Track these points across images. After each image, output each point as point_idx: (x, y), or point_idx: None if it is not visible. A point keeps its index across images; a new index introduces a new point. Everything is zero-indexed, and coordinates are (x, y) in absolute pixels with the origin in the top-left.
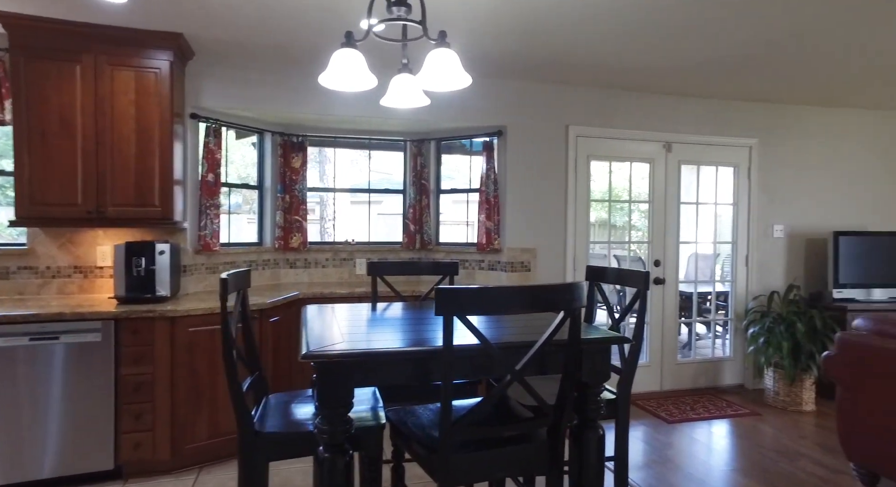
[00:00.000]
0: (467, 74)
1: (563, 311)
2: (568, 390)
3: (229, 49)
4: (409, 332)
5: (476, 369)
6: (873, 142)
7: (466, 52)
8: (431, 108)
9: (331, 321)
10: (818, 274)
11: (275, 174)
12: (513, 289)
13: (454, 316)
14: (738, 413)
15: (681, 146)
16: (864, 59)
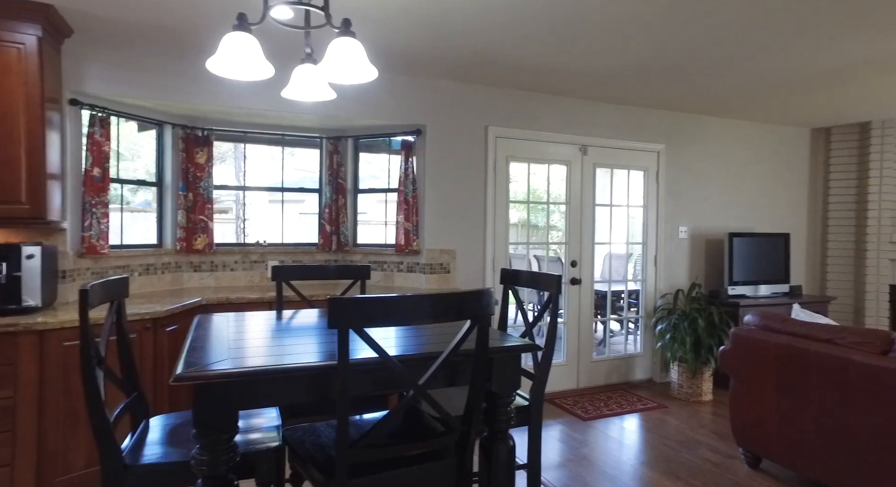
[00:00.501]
0: (373, 67)
1: (470, 320)
2: (476, 402)
3: (113, 28)
4: (312, 344)
5: (378, 384)
6: (761, 152)
7: (382, 47)
8: (348, 105)
9: (221, 333)
10: (716, 273)
11: (176, 170)
12: (415, 298)
13: (350, 328)
14: (647, 407)
15: (596, 149)
16: (754, 75)
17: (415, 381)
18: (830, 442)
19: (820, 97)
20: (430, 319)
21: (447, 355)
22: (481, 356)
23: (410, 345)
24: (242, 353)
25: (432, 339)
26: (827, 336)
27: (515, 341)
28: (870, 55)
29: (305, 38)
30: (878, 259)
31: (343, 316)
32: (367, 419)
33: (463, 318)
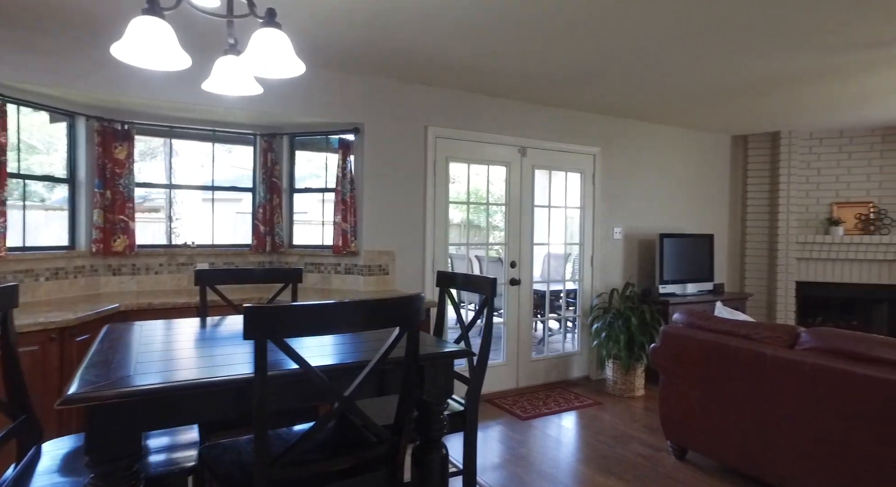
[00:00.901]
0: (300, 61)
1: (399, 327)
2: (406, 411)
3: (8, 3)
4: (234, 354)
5: (302, 396)
6: (689, 157)
7: (316, 41)
8: (281, 101)
9: (131, 344)
10: (648, 272)
11: (91, 166)
12: (339, 306)
13: (268, 339)
14: (584, 405)
15: (535, 151)
16: (681, 84)
17: (339, 393)
18: (747, 431)
19: (737, 107)
20: (357, 327)
21: (375, 364)
22: (411, 363)
23: (342, 353)
24: (151, 367)
25: (365, 346)
26: (744, 332)
27: (448, 347)
28: (778, 72)
29: (228, 27)
30: (787, 258)
31: (260, 325)
32: (297, 430)
33: (392, 325)
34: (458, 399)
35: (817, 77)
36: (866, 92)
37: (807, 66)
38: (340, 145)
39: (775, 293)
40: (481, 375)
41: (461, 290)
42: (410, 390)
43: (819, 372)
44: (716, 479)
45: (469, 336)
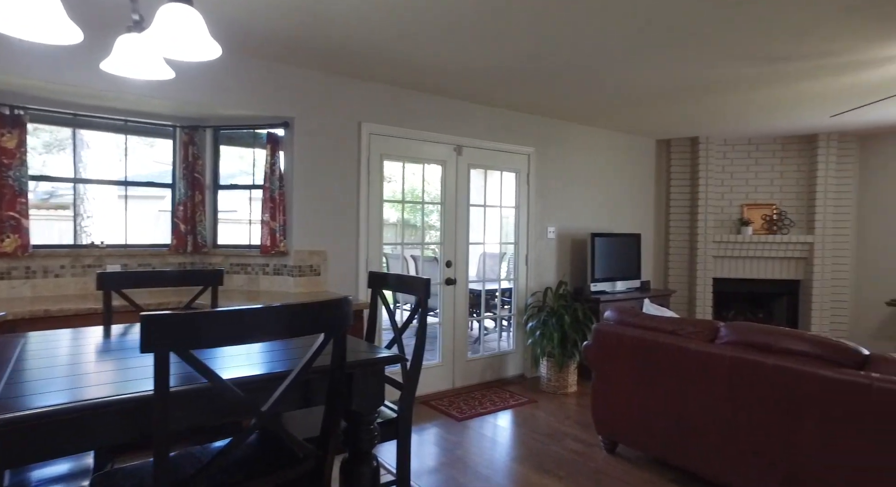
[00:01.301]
0: (215, 43)
1: (324, 333)
2: (332, 423)
3: None
4: (132, 369)
5: (215, 412)
6: (618, 159)
7: (245, 29)
8: (204, 90)
9: (5, 360)
10: (581, 271)
11: None
12: (256, 312)
13: (170, 352)
14: (519, 403)
15: (470, 150)
16: (609, 88)
17: (257, 408)
18: (672, 423)
19: (660, 112)
20: (277, 335)
21: (298, 374)
22: (338, 372)
23: (267, 362)
24: (24, 389)
25: (294, 353)
26: (670, 328)
27: (379, 352)
28: (694, 80)
29: (132, 2)
30: (705, 256)
31: (161, 336)
32: (215, 447)
33: (316, 331)
34: (390, 405)
35: (730, 87)
36: (770, 103)
37: (719, 76)
38: (269, 140)
39: (695, 289)
40: (415, 380)
41: (395, 291)
42: (337, 401)
43: (735, 363)
44: (644, 470)
45: (403, 339)
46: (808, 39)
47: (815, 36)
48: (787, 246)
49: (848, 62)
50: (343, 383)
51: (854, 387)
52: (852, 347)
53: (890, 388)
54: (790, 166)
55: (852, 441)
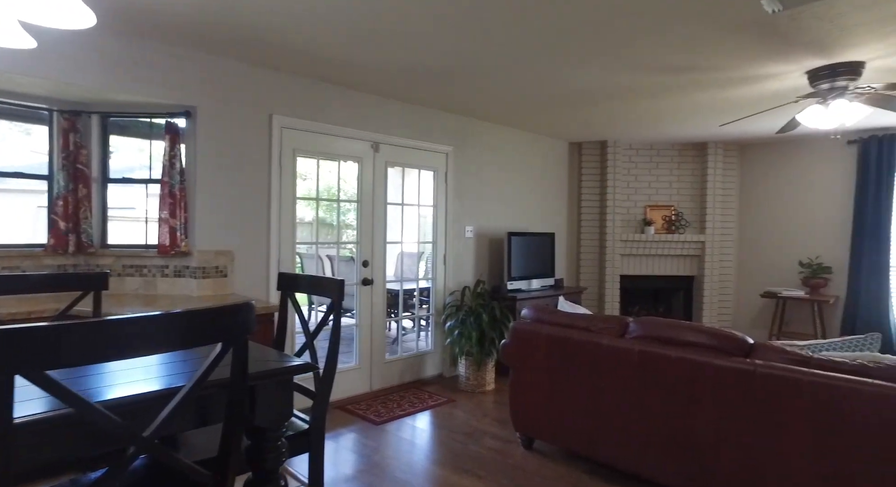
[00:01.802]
0: (88, 10)
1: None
2: (231, 443)
3: None
4: None
5: (89, 442)
6: (533, 159)
7: (141, 6)
8: (86, 70)
9: None
10: (498, 269)
11: None
12: (128, 322)
13: (17, 374)
14: (438, 403)
15: (388, 147)
16: (523, 90)
17: (135, 434)
18: (586, 416)
19: (571, 116)
20: (162, 347)
21: (189, 391)
22: (238, 385)
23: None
24: None
25: (192, 366)
26: (584, 324)
27: (287, 361)
28: (600, 86)
29: None
30: (613, 254)
31: (4, 355)
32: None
33: (211, 341)
34: (301, 415)
35: (633, 94)
36: (668, 112)
37: (623, 83)
38: (168, 130)
39: (604, 286)
40: (328, 387)
41: (307, 293)
42: (237, 417)
43: (643, 356)
44: (559, 464)
45: (317, 343)
46: (700, 53)
47: (707, 50)
48: (683, 245)
49: (734, 77)
50: (244, 397)
51: (741, 374)
52: (740, 337)
53: (770, 373)
54: (686, 171)
55: (740, 422)
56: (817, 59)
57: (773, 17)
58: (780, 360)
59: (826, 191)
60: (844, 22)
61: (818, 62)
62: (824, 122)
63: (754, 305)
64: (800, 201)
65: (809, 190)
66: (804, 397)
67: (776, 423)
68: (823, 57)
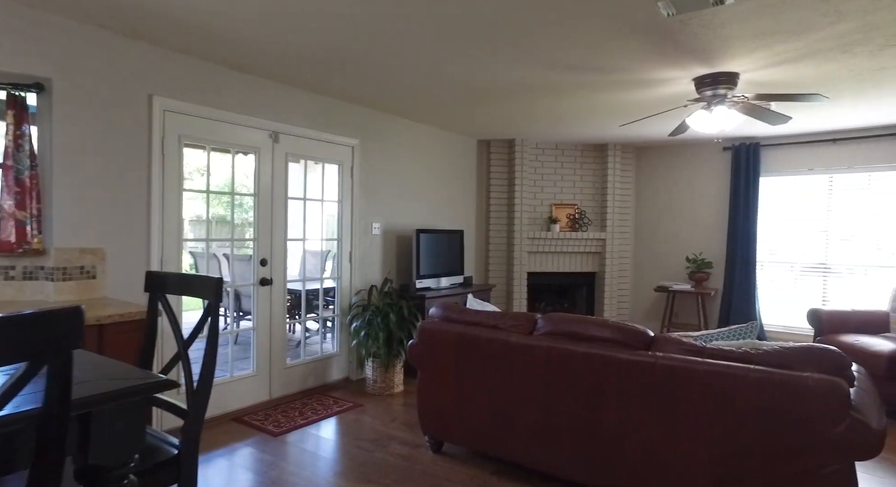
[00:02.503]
0: None
1: (28, 362)
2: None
3: None
4: None
5: None
6: (443, 156)
7: None
8: None
9: None
10: (406, 267)
11: None
12: None
13: None
14: (343, 409)
15: (289, 138)
16: (431, 83)
17: None
18: (495, 416)
19: (480, 112)
20: None
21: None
22: (56, 416)
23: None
24: None
25: None
26: (493, 322)
27: (136, 379)
28: (508, 82)
29: None
30: (521, 251)
31: None
32: None
33: (17, 359)
34: (169, 440)
35: (541, 92)
36: (573, 111)
37: (531, 80)
38: (10, 105)
39: (513, 283)
40: (202, 405)
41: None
42: (51, 461)
43: (551, 353)
44: (468, 466)
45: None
46: (600, 53)
47: (606, 51)
48: (586, 242)
49: (632, 80)
50: (63, 432)
51: (642, 366)
52: (642, 330)
53: (669, 364)
54: (588, 171)
55: (643, 414)
56: (702, 67)
57: (667, 22)
58: (677, 351)
59: (707, 193)
60: (726, 32)
61: (702, 70)
62: (708, 127)
63: (648, 298)
64: (686, 201)
65: (694, 191)
66: (699, 385)
67: (675, 412)
68: (707, 65)
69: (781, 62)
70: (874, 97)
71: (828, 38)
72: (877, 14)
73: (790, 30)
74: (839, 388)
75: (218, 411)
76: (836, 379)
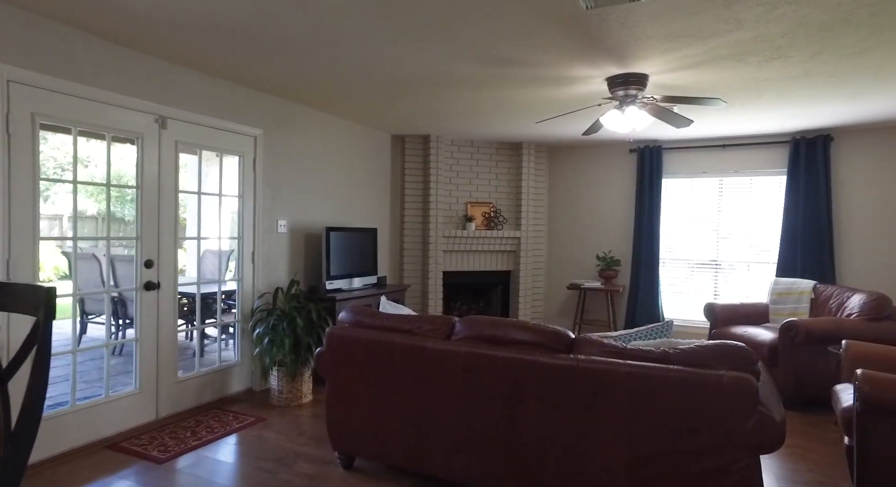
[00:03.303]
0: None
1: None
2: None
3: None
4: None
5: None
6: (355, 150)
7: None
8: None
9: None
10: (316, 268)
11: None
12: None
13: None
14: (244, 425)
15: (179, 125)
16: (343, 72)
17: None
18: (411, 426)
19: (396, 105)
20: None
21: None
22: None
23: None
24: None
25: None
26: (408, 326)
27: None
28: (427, 73)
29: None
30: (436, 250)
31: None
32: None
33: None
34: None
35: (460, 85)
36: (490, 107)
37: (451, 71)
38: None
39: (428, 283)
40: (24, 448)
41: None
42: None
43: (470, 359)
44: (382, 482)
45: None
46: (521, 46)
47: (526, 44)
48: (501, 241)
49: (549, 76)
50: None
51: (564, 370)
52: (563, 332)
53: (590, 367)
54: (503, 169)
55: (564, 420)
56: (616, 66)
57: (587, 16)
58: (598, 353)
59: (615, 193)
60: (640, 31)
61: (616, 70)
62: (621, 126)
63: (562, 296)
64: (596, 201)
65: (603, 191)
66: (621, 387)
67: (597, 415)
68: (620, 65)
69: (686, 66)
70: (758, 107)
71: (726, 45)
72: (769, 26)
73: (697, 33)
74: (749, 384)
75: (87, 438)
76: (748, 375)
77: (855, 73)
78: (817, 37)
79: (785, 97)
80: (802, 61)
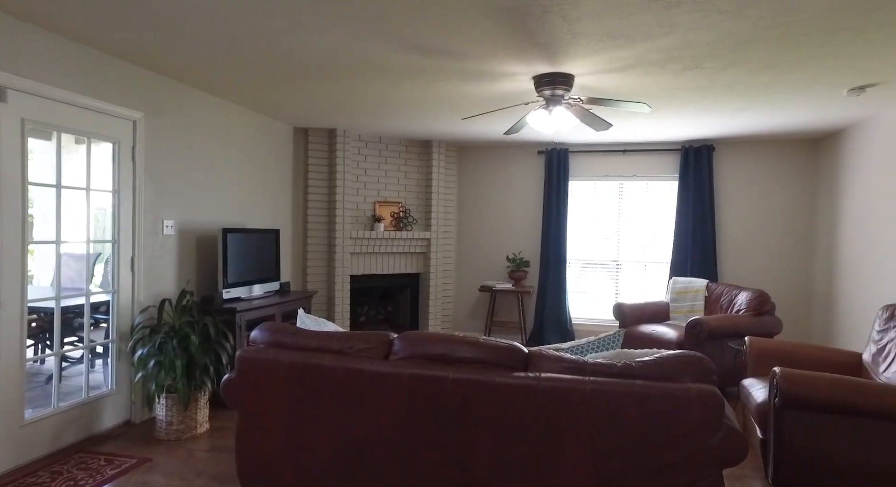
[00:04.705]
0: None
1: None
2: None
3: None
4: None
5: None
6: (254, 142)
7: None
8: None
9: None
10: (211, 276)
11: None
12: None
13: None
14: (122, 470)
15: (27, 99)
16: (247, 50)
17: None
18: (343, 460)
19: (300, 93)
20: None
21: None
22: None
23: None
24: None
25: None
26: (338, 346)
27: None
28: (339, 57)
29: None
30: (343, 253)
31: None
32: None
33: None
34: None
35: (376, 74)
36: (408, 100)
37: (368, 57)
38: None
39: (334, 287)
40: None
41: None
42: None
43: (413, 381)
44: None
45: None
46: (452, 33)
47: (458, 31)
48: (411, 242)
49: (476, 70)
50: None
51: (523, 389)
52: (517, 348)
53: (551, 386)
54: (412, 168)
55: (523, 446)
56: (545, 64)
57: (527, 6)
58: (558, 370)
59: (524, 194)
60: (579, 28)
61: (544, 68)
62: (547, 127)
63: (472, 298)
64: (505, 202)
65: (513, 192)
66: (585, 406)
67: (557, 438)
68: (550, 64)
69: (612, 70)
70: (663, 115)
71: (655, 49)
72: (697, 33)
73: (631, 34)
74: (716, 397)
75: None
76: (713, 387)
77: (749, 86)
78: (735, 49)
79: (687, 106)
80: (714, 72)
